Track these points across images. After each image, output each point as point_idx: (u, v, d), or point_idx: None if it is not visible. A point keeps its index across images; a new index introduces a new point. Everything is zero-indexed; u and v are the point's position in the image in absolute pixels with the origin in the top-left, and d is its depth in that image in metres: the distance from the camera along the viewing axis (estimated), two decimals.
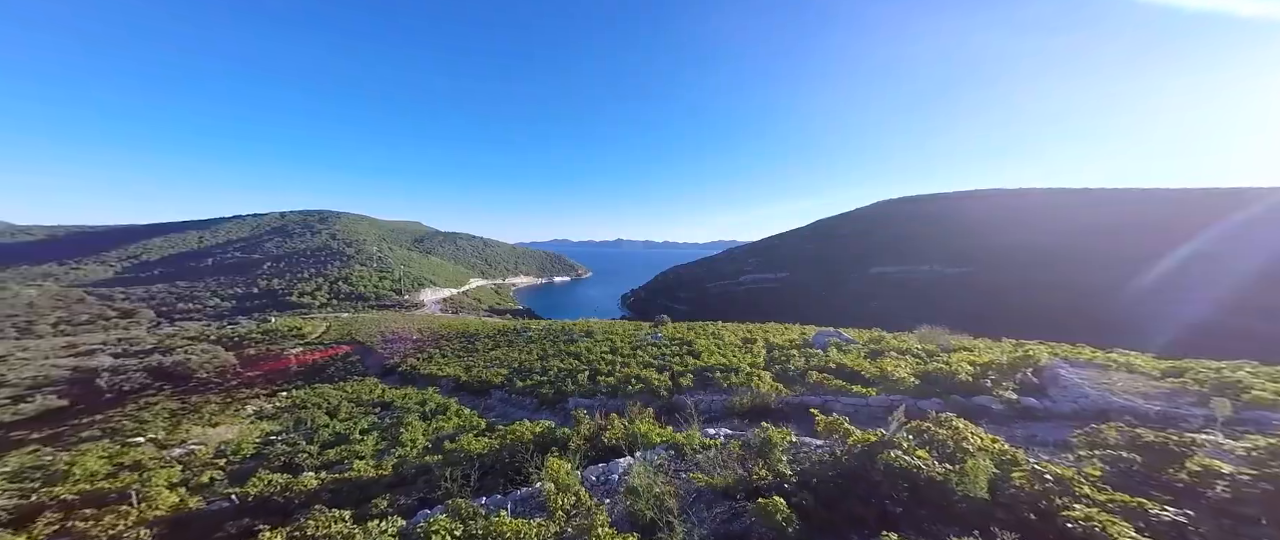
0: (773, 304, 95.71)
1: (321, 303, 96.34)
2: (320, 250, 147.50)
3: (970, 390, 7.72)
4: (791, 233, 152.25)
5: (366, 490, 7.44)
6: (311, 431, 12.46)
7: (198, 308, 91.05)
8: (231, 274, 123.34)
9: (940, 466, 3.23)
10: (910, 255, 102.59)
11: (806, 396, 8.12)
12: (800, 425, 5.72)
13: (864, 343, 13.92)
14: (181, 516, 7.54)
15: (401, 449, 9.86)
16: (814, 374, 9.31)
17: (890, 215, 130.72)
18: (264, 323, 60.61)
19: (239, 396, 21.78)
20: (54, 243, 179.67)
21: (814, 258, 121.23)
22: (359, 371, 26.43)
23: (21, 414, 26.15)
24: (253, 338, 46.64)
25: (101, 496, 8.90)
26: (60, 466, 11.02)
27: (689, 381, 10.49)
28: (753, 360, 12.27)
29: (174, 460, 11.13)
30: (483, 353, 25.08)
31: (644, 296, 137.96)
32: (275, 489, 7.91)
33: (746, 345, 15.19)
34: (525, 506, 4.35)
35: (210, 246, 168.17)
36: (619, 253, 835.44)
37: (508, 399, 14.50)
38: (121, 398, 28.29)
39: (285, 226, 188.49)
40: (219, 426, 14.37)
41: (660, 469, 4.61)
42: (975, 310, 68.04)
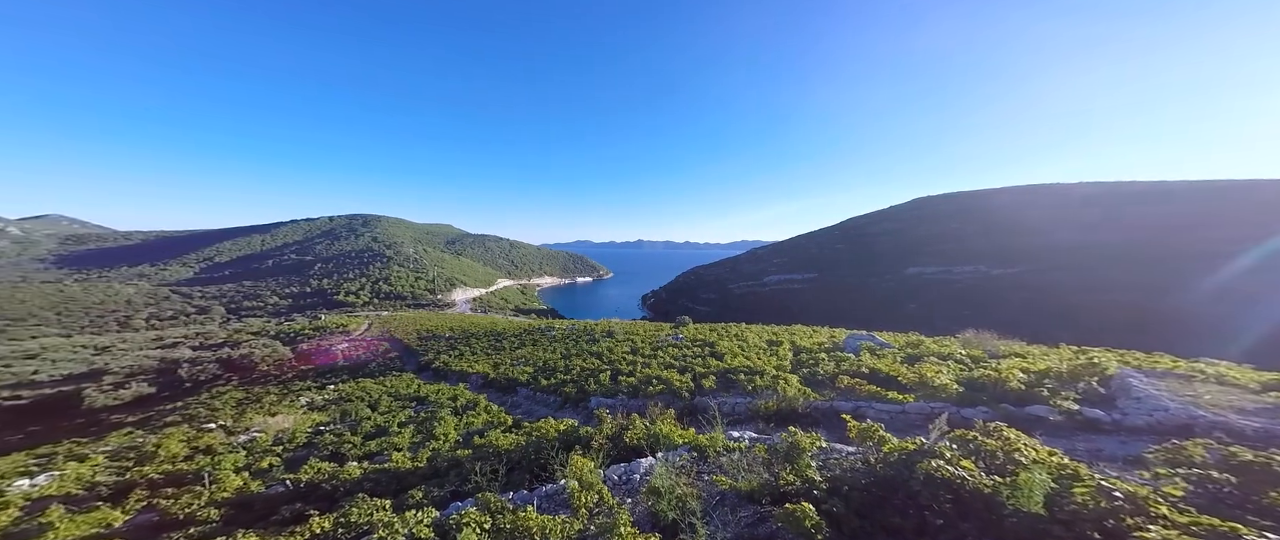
0: (799, 306, 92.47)
1: (365, 301, 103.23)
2: (363, 252, 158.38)
3: (1022, 399, 7.10)
4: (820, 232, 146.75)
5: (403, 481, 7.83)
6: (355, 423, 13.31)
7: (260, 305, 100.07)
8: (288, 274, 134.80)
9: (988, 478, 2.99)
10: (952, 255, 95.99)
11: (837, 402, 7.77)
12: (830, 431, 5.48)
13: (900, 347, 13.17)
14: (244, 498, 8.25)
15: (435, 442, 10.33)
16: (845, 379, 8.89)
17: (930, 213, 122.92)
18: (315, 320, 65.71)
19: (294, 388, 23.64)
20: (147, 246, 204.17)
21: (844, 258, 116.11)
22: (397, 367, 28.03)
23: (120, 399, 29.79)
24: (305, 334, 50.71)
25: (181, 477, 9.94)
26: (149, 448, 12.39)
27: (711, 383, 10.32)
28: (778, 363, 11.90)
29: (239, 446, 12.21)
30: (509, 351, 25.89)
31: (664, 297, 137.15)
32: (324, 477, 8.51)
33: (772, 348, 14.77)
34: (550, 503, 4.43)
35: (270, 249, 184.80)
36: (640, 253, 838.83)
37: (533, 396, 14.85)
38: (198, 387, 31.58)
39: (333, 230, 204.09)
40: (277, 416, 15.64)
41: (682, 470, 4.56)
42: (1026, 314, 62.72)
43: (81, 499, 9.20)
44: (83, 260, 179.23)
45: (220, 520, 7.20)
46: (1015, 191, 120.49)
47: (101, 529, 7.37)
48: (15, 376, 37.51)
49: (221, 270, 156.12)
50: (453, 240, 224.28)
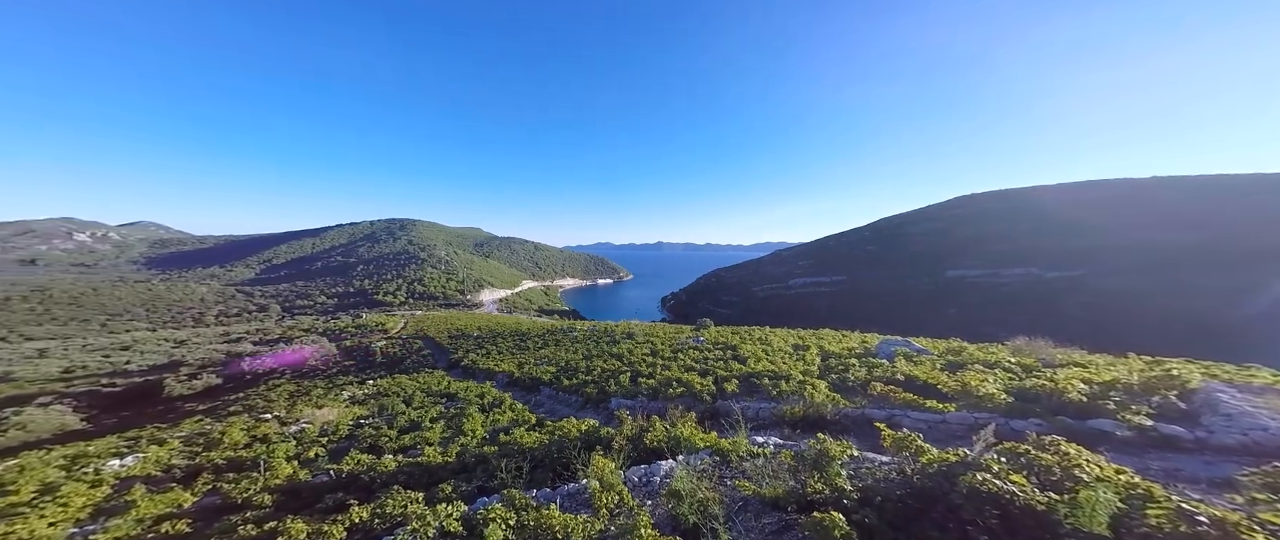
0: (826, 309, 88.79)
1: (401, 301, 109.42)
2: (400, 254, 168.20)
3: (1084, 413, 6.45)
4: (849, 233, 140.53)
5: (434, 475, 8.14)
6: (392, 417, 14.03)
7: (310, 304, 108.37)
8: (334, 275, 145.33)
9: (1042, 494, 2.72)
10: (1000, 256, 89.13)
11: (869, 409, 7.38)
12: (861, 439, 5.21)
13: (940, 353, 12.35)
14: (293, 486, 8.86)
15: (464, 438, 10.69)
16: (878, 385, 8.44)
17: (973, 212, 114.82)
18: (357, 319, 70.24)
19: (338, 383, 25.30)
20: (217, 250, 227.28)
21: (876, 260, 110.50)
22: (429, 364, 29.40)
23: (193, 389, 33.05)
24: (349, 331, 54.33)
25: (241, 462, 10.83)
26: (215, 435, 13.61)
27: (734, 387, 10.08)
28: (805, 368, 11.47)
29: (290, 436, 13.16)
30: (533, 351, 26.51)
31: (685, 299, 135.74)
32: (363, 468, 9.00)
33: (798, 352, 14.26)
34: (572, 502, 4.47)
35: (319, 251, 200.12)
36: (659, 255, 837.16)
37: (555, 396, 15.07)
38: (257, 379, 34.50)
39: (374, 233, 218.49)
40: (323, 409, 16.76)
41: (704, 474, 4.48)
42: (1086, 321, 57.21)
43: (159, 480, 10.23)
44: (167, 262, 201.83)
45: (272, 506, 7.75)
46: (1072, 188, 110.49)
47: (174, 508, 8.15)
48: (113, 365, 42.62)
49: (278, 271, 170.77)
50: (481, 243, 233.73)
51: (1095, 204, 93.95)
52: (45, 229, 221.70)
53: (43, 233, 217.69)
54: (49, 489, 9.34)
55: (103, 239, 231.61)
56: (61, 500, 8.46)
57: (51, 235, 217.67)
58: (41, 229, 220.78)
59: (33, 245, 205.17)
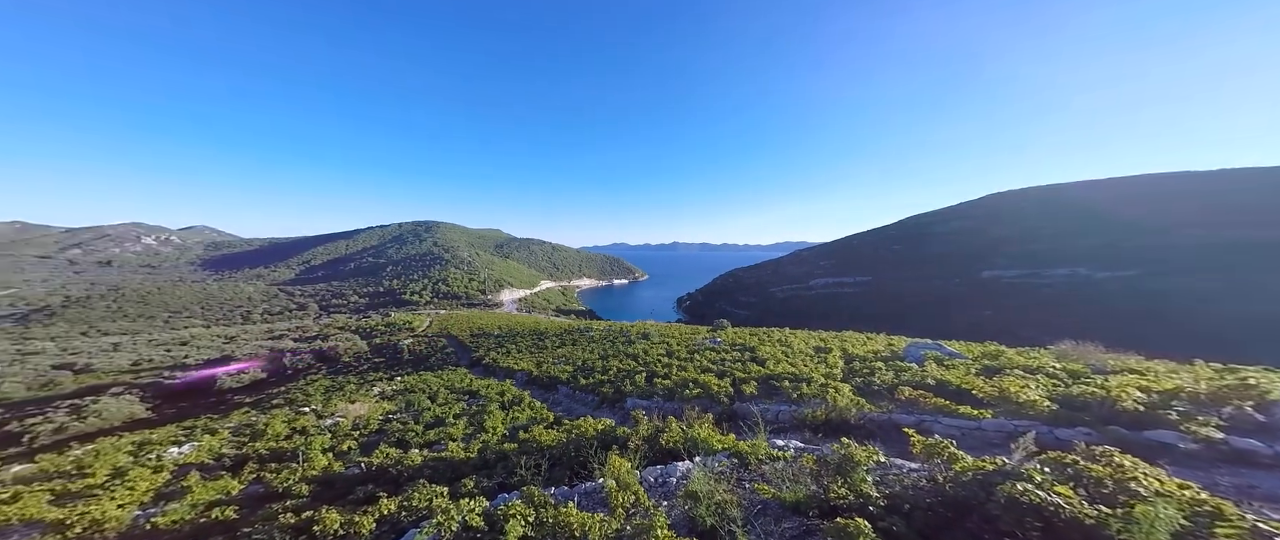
0: (850, 311, 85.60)
1: (426, 300, 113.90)
2: (425, 256, 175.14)
3: (1140, 423, 5.93)
4: (873, 232, 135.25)
5: (457, 470, 8.37)
6: (418, 413, 14.57)
7: (344, 303, 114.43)
8: (366, 276, 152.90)
9: (1091, 508, 2.51)
10: (1040, 256, 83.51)
11: (897, 415, 7.05)
12: (888, 445, 4.99)
13: (975, 358, 11.68)
14: (328, 477, 9.32)
15: (485, 435, 10.97)
16: (906, 390, 8.06)
17: (1009, 209, 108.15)
18: (386, 317, 73.53)
19: (369, 379, 26.55)
20: (262, 252, 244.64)
21: (903, 260, 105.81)
22: (453, 361, 30.40)
23: (241, 382, 35.51)
24: (379, 329, 56.92)
25: (282, 453, 11.50)
26: (260, 427, 14.52)
27: (752, 389, 9.87)
28: (827, 371, 11.10)
29: (326, 429, 13.88)
30: (551, 350, 26.92)
31: (701, 300, 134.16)
32: (391, 462, 9.36)
33: (820, 354, 13.83)
34: (589, 500, 4.49)
35: (352, 253, 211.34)
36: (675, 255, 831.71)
37: (572, 395, 15.23)
38: (297, 374, 36.72)
39: (401, 235, 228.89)
40: (355, 403, 17.61)
41: (722, 476, 4.41)
42: (1142, 324, 52.72)
43: (211, 467, 11.01)
44: (219, 263, 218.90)
45: (309, 495, 8.19)
46: (1122, 183, 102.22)
47: (223, 495, 8.76)
48: (174, 359, 46.47)
49: (316, 272, 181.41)
50: (501, 244, 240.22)
51: (1150, 200, 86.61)
52: (119, 233, 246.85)
53: (117, 236, 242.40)
54: (119, 473, 10.23)
55: (165, 242, 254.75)
56: (129, 484, 9.25)
57: (124, 238, 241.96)
58: (115, 233, 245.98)
59: (108, 248, 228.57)
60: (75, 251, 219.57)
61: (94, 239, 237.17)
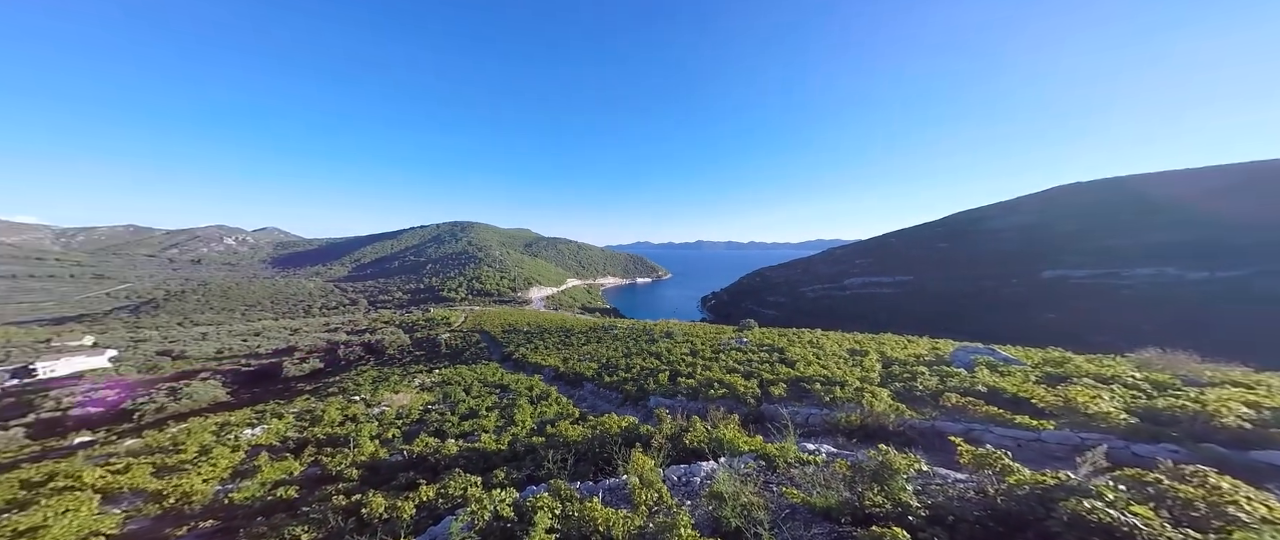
0: (887, 313, 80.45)
1: (462, 297, 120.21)
2: (460, 254, 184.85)
3: (1242, 441, 5.12)
4: (915, 229, 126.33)
5: (489, 460, 8.70)
6: (454, 405, 15.34)
7: (389, 298, 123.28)
8: (408, 273, 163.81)
9: (1176, 532, 2.19)
10: (1118, 254, 74.42)
11: (942, 422, 6.54)
12: (931, 454, 4.64)
13: (1035, 364, 10.62)
14: (374, 462, 10.00)
15: (515, 428, 11.35)
16: (953, 397, 7.46)
17: (1078, 203, 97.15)
18: (426, 313, 78.20)
19: (411, 370, 28.34)
20: (321, 251, 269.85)
21: (949, 258, 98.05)
22: (486, 356, 31.76)
23: (303, 371, 39.17)
24: (419, 324, 60.64)
25: (336, 438, 12.49)
26: (318, 413, 15.86)
27: (781, 391, 9.53)
28: (863, 375, 10.51)
29: (373, 417, 14.93)
30: (577, 347, 27.42)
31: (726, 299, 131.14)
32: (430, 450, 9.90)
33: (854, 357, 13.12)
34: (613, 496, 4.53)
35: (396, 252, 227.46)
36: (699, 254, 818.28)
37: (597, 391, 15.40)
38: (349, 364, 39.95)
39: (439, 235, 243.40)
40: (399, 394, 18.81)
41: (748, 478, 4.30)
42: (1249, 332, 45.60)
43: (277, 449, 12.14)
44: (286, 262, 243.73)
45: (358, 479, 8.84)
46: (1221, 172, 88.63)
47: (287, 475, 9.63)
48: (249, 348, 52.19)
49: (365, 269, 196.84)
50: (530, 243, 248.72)
51: (1259, 191, 74.55)
52: (206, 234, 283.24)
53: (204, 237, 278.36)
54: (205, 451, 11.55)
55: (242, 242, 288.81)
56: (212, 461, 10.40)
57: (210, 239, 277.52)
58: (203, 234, 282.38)
59: (198, 248, 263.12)
60: (173, 251, 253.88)
61: (187, 240, 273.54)
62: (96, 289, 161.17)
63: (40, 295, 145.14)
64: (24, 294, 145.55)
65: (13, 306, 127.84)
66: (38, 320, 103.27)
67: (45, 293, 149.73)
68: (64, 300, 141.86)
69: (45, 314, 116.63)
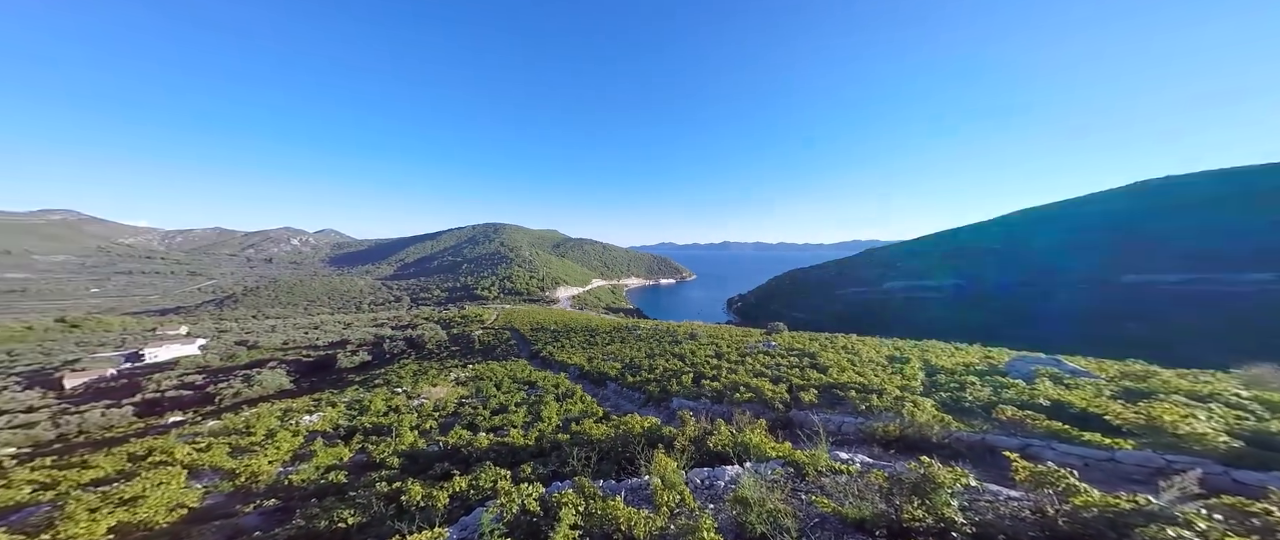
0: (932, 319, 74.67)
1: (494, 296, 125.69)
2: (493, 255, 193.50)
3: None
4: (966, 229, 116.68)
5: (517, 455, 8.99)
6: (485, 399, 15.98)
7: (429, 296, 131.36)
8: (446, 273, 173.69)
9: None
10: (1221, 257, 64.65)
11: (995, 436, 5.97)
12: (981, 470, 4.25)
13: (1110, 377, 9.45)
14: (413, 452, 10.60)
15: (542, 424, 11.63)
16: (1008, 409, 6.79)
17: (1172, 200, 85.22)
18: (461, 310, 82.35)
19: (447, 365, 29.91)
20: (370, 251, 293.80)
21: (1005, 261, 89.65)
22: (515, 353, 32.90)
23: (353, 363, 42.49)
24: (455, 321, 63.87)
25: (381, 427, 13.42)
26: (366, 403, 17.11)
27: (812, 398, 9.10)
28: (904, 383, 9.82)
29: (413, 409, 15.86)
30: (601, 346, 27.72)
31: (753, 302, 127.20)
32: (463, 443, 10.35)
33: (894, 364, 12.30)
34: (635, 496, 4.52)
35: (435, 252, 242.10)
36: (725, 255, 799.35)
37: (620, 391, 15.46)
38: (393, 358, 42.86)
39: (474, 236, 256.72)
40: (436, 387, 19.89)
41: (775, 484, 4.15)
42: None
43: (330, 436, 13.18)
44: (341, 261, 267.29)
45: (398, 468, 9.42)
46: None
47: (337, 461, 10.45)
48: (309, 341, 57.46)
49: (408, 269, 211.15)
50: (558, 244, 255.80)
51: None
52: (276, 236, 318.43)
53: (275, 238, 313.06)
54: (271, 434, 12.79)
55: (305, 243, 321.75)
56: (276, 444, 11.48)
57: (279, 240, 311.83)
58: (274, 236, 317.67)
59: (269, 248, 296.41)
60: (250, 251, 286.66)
61: (261, 241, 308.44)
62: (190, 284, 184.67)
63: (149, 289, 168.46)
64: (138, 288, 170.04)
65: (130, 299, 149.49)
66: (146, 311, 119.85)
67: (152, 287, 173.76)
68: (166, 294, 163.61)
69: (152, 305, 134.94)
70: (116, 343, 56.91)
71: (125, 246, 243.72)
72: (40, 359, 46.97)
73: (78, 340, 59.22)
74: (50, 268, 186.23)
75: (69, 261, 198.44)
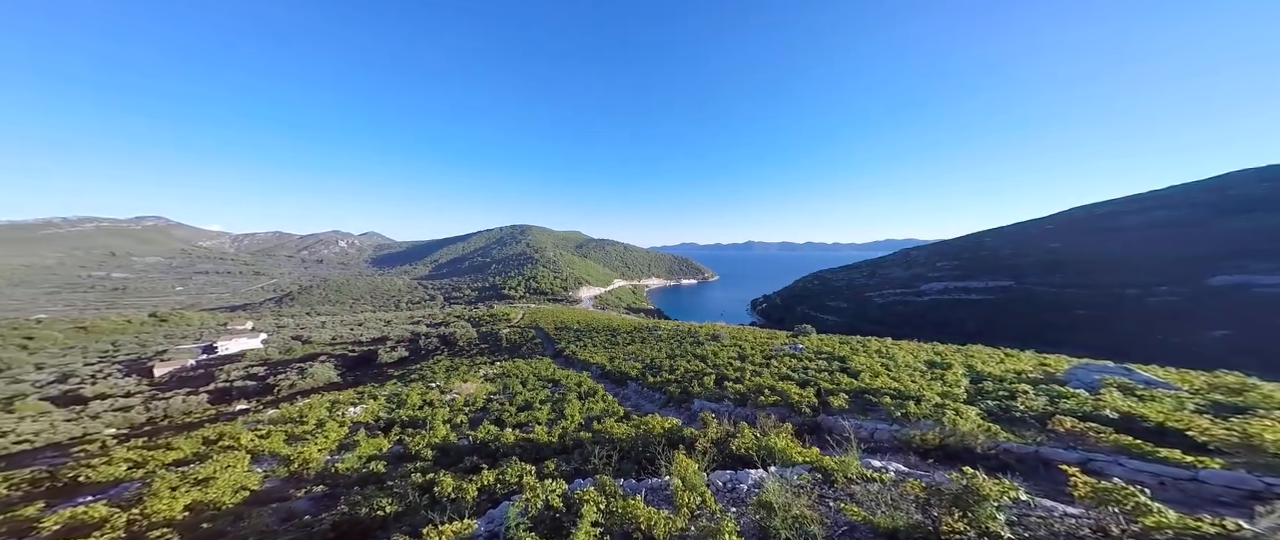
0: (979, 323, 69.24)
1: (520, 295, 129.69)
2: (519, 256, 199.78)
3: None
4: (1017, 227, 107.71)
5: (541, 452, 9.17)
6: (511, 396, 16.46)
7: (460, 295, 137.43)
8: (476, 273, 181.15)
9: None
10: None
11: (1049, 448, 5.44)
12: (1033, 483, 3.90)
13: (1194, 389, 8.40)
14: (445, 445, 11.05)
15: (564, 422, 11.82)
16: (1066, 421, 6.17)
17: (1269, 192, 74.89)
18: (490, 309, 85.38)
19: (477, 362, 31.09)
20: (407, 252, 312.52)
21: (1064, 260, 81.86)
22: (540, 351, 33.70)
23: (392, 357, 45.11)
24: (484, 319, 66.32)
25: (416, 421, 14.11)
26: (403, 397, 18.08)
27: (841, 402, 8.68)
28: (945, 390, 9.18)
29: (445, 403, 16.59)
30: (622, 346, 27.81)
31: (779, 303, 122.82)
32: (490, 437, 10.71)
33: (933, 370, 11.52)
34: (655, 497, 4.50)
35: (466, 254, 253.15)
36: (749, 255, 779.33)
37: (640, 391, 15.43)
38: (428, 353, 45.13)
39: (502, 238, 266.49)
40: (467, 383, 20.72)
41: (801, 490, 4.00)
42: None
43: (371, 427, 14.02)
44: (382, 262, 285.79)
45: (431, 460, 9.87)
46: None
47: (377, 451, 11.09)
48: (354, 336, 61.67)
49: (442, 269, 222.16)
50: (580, 245, 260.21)
51: None
52: (326, 239, 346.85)
53: (325, 241, 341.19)
54: (320, 424, 13.77)
55: (351, 245, 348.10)
56: (325, 434, 12.35)
57: (329, 243, 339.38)
58: (324, 239, 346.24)
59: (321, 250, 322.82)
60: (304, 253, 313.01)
61: (314, 243, 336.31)
62: (255, 283, 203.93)
63: (221, 288, 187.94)
64: (213, 287, 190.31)
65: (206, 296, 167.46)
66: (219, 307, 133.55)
67: (224, 286, 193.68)
68: (235, 292, 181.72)
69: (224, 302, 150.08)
70: (195, 336, 63.61)
71: (203, 249, 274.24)
72: (137, 349, 53.43)
73: (165, 333, 66.75)
74: (145, 268, 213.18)
75: (159, 263, 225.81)
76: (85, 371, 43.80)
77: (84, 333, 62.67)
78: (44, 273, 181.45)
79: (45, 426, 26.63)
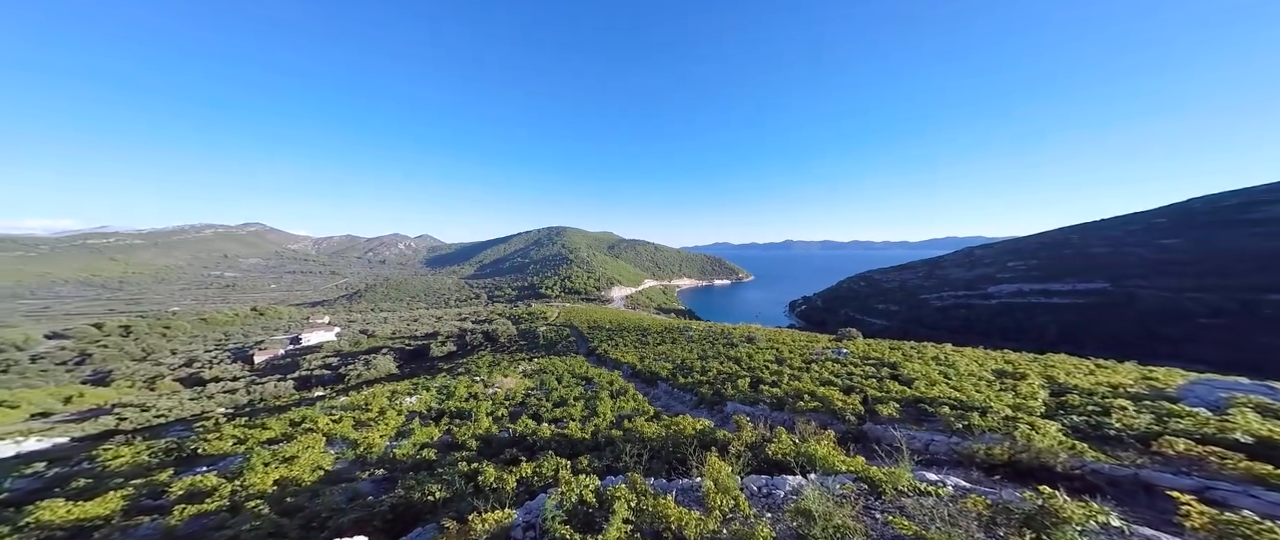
0: (1062, 329, 60.70)
1: (556, 294, 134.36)
2: (555, 257, 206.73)
3: None
4: (1117, 220, 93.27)
5: (575, 447, 9.37)
6: (547, 392, 17.01)
7: (502, 294, 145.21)
8: (516, 273, 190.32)
9: None
10: None
11: (1154, 472, 4.64)
12: (1130, 510, 3.34)
13: None
14: (488, 436, 11.64)
15: (597, 419, 12.00)
16: (1179, 443, 5.24)
17: None
18: (528, 307, 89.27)
19: (516, 358, 32.60)
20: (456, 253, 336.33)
21: (1177, 260, 69.65)
22: (574, 349, 34.57)
23: (443, 352, 48.60)
24: (523, 317, 69.43)
25: (463, 412, 15.01)
26: (452, 389, 19.33)
27: (891, 411, 8.01)
28: (1018, 402, 8.16)
29: (488, 396, 17.50)
30: (652, 346, 27.72)
31: (820, 305, 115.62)
32: (528, 431, 11.12)
33: (1003, 379, 10.31)
34: (686, 497, 4.44)
35: (507, 254, 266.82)
36: (788, 255, 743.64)
37: (671, 391, 15.30)
38: (473, 349, 48.10)
39: (539, 240, 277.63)
40: (507, 378, 21.72)
41: (844, 500, 3.75)
42: None
43: (424, 417, 15.05)
44: (434, 262, 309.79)
45: (475, 451, 10.45)
46: None
47: (428, 440, 11.93)
48: (410, 332, 67.37)
49: (486, 269, 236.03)
50: (612, 245, 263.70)
51: None
52: (388, 241, 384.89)
53: (387, 243, 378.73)
54: (381, 412, 15.06)
55: (408, 247, 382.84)
56: (386, 421, 13.50)
57: (390, 244, 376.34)
58: (386, 241, 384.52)
59: (383, 251, 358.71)
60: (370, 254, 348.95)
61: (377, 245, 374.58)
62: (331, 282, 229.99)
63: (305, 287, 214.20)
64: (299, 285, 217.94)
65: (294, 293, 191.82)
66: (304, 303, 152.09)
67: (308, 284, 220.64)
68: (316, 290, 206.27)
69: (306, 300, 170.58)
70: (284, 327, 72.93)
71: (291, 252, 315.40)
72: (242, 339, 62.54)
73: (263, 325, 77.24)
74: (248, 268, 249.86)
75: (259, 264, 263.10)
76: (205, 357, 52.04)
77: (205, 323, 74.40)
78: (177, 271, 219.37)
79: (175, 404, 31.90)
